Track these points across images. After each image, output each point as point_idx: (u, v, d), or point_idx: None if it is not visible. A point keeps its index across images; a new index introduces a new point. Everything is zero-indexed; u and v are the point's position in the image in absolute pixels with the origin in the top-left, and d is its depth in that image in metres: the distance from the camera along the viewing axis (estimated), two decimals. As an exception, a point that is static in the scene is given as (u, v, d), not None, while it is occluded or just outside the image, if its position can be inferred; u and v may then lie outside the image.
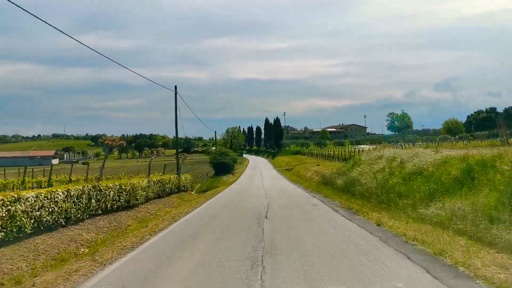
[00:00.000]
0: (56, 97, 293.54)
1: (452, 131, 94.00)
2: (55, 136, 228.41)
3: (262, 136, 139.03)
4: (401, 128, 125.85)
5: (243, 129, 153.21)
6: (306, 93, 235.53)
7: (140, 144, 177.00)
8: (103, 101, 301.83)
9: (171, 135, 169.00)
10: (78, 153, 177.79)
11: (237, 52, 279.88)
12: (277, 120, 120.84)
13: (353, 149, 44.84)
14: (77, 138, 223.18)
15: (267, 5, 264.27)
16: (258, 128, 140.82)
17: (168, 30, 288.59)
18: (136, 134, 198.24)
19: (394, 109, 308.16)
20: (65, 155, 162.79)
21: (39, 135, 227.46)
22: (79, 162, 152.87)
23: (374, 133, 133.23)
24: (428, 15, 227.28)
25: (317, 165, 41.98)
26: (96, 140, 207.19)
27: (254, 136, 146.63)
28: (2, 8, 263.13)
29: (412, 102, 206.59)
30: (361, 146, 60.76)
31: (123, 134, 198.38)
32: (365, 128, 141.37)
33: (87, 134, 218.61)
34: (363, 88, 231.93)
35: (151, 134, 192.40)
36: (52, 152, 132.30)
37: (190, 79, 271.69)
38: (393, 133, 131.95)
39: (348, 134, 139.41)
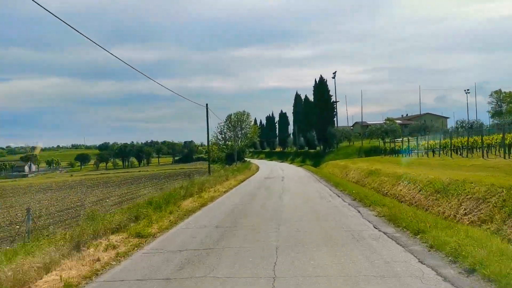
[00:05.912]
0: (79, 109, 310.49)
1: None
2: (74, 147, 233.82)
3: (290, 128, 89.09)
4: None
5: (260, 121, 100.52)
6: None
7: (125, 152, 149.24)
8: (128, 112, 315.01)
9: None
10: (49, 163, 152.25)
11: (263, 61, 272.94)
12: (320, 85, 59.03)
13: None
14: (88, 147, 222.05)
15: (292, 12, 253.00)
16: (283, 116, 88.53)
17: (194, 41, 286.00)
18: (146, 142, 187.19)
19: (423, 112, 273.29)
20: (25, 167, 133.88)
21: (58, 146, 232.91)
22: (32, 175, 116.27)
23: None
24: (457, 17, 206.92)
25: None
26: (103, 149, 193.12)
27: (277, 129, 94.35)
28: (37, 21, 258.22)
29: (442, 106, 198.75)
30: None
31: (132, 142, 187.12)
32: (446, 118, 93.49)
33: (105, 143, 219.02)
34: (390, 93, 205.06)
35: (164, 141, 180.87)
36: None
37: (215, 88, 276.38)
38: (497, 120, 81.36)
39: (420, 127, 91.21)
